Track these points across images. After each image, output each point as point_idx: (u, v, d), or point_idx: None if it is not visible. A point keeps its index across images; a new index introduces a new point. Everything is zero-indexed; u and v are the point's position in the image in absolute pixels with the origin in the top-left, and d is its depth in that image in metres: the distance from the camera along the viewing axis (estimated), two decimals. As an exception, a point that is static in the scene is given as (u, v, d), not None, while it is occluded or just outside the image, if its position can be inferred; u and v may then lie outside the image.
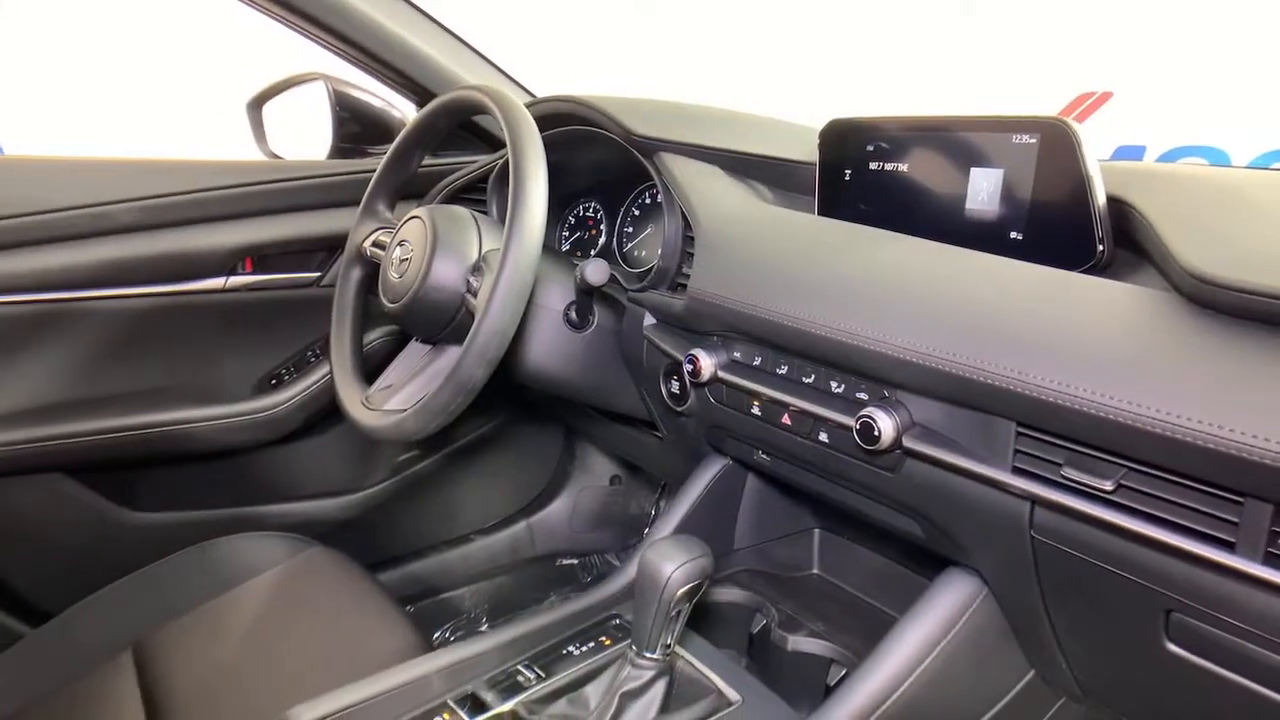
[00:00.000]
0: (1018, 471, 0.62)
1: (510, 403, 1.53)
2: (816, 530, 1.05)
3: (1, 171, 1.18)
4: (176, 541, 1.13)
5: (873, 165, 0.85)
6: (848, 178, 0.88)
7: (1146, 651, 0.61)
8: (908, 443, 0.68)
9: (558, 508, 1.63)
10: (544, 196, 0.81)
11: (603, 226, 1.23)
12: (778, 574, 1.01)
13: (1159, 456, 0.52)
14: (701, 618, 0.91)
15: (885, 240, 0.77)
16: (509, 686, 0.75)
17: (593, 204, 1.26)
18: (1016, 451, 0.61)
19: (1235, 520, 0.50)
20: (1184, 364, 0.52)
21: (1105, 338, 0.56)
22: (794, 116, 1.18)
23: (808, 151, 0.91)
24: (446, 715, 0.72)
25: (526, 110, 0.87)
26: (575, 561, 1.65)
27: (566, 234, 1.29)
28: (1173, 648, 0.59)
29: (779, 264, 0.79)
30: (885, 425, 0.68)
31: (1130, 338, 0.55)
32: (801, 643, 0.88)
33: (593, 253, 1.22)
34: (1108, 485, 0.56)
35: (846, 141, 0.87)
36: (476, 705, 0.73)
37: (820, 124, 0.89)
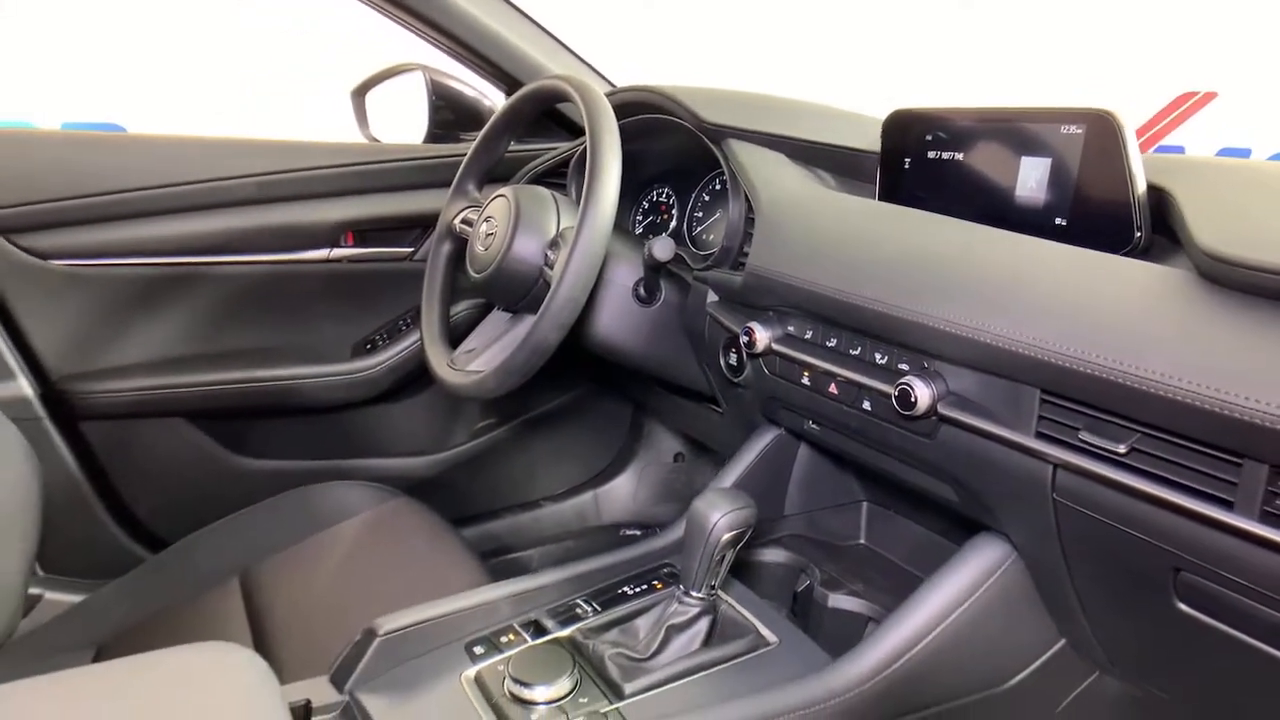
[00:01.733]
0: (1041, 436, 0.66)
1: (583, 379, 1.62)
2: (865, 503, 1.10)
3: (135, 148, 1.33)
4: (278, 486, 1.25)
5: (930, 154, 0.90)
6: (907, 166, 0.93)
7: (1159, 611, 0.65)
8: (943, 410, 0.73)
9: (623, 481, 1.71)
10: (617, 179, 0.88)
11: (674, 211, 1.31)
12: (825, 541, 1.06)
13: (1166, 420, 0.57)
14: (749, 576, 0.97)
15: (931, 223, 0.82)
16: (568, 617, 0.83)
17: (666, 190, 1.33)
18: (1040, 418, 0.66)
19: (1234, 481, 0.54)
20: (1192, 334, 0.56)
21: (1123, 311, 0.60)
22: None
23: (870, 140, 0.97)
24: (512, 635, 0.80)
25: (605, 99, 0.95)
26: (638, 533, 1.73)
27: (640, 217, 1.37)
28: (1182, 607, 0.63)
29: (831, 244, 0.85)
30: (922, 393, 0.73)
31: (1145, 311, 0.59)
32: (841, 600, 0.93)
33: (664, 234, 1.30)
34: (1121, 449, 0.60)
35: (907, 131, 0.92)
36: (538, 629, 0.81)
37: (882, 114, 0.94)
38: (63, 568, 1.31)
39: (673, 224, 1.30)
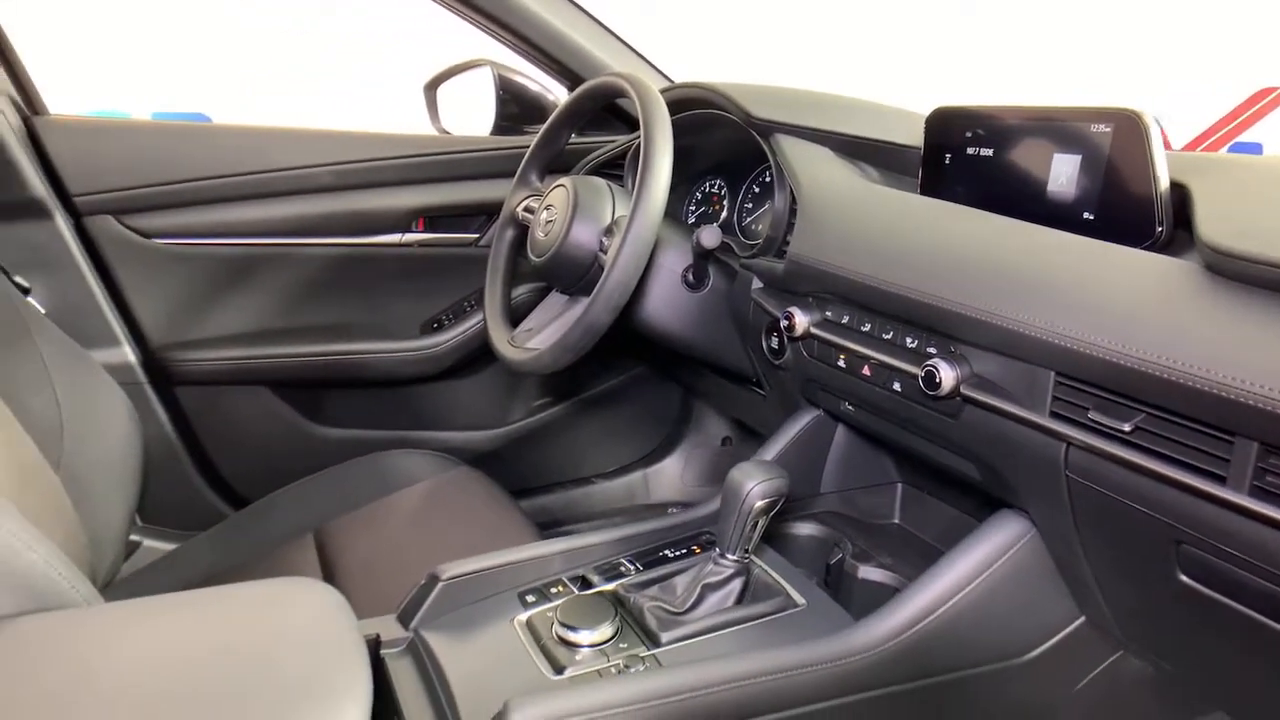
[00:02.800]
0: (1054, 416, 0.71)
1: (636, 362, 1.69)
2: (900, 484, 1.15)
3: (226, 137, 1.44)
4: (349, 453, 1.35)
5: (970, 150, 0.94)
6: (948, 161, 0.97)
7: (1164, 584, 0.69)
8: (966, 391, 0.78)
9: (672, 462, 1.78)
10: (668, 170, 0.95)
11: (725, 202, 1.36)
12: (860, 519, 1.11)
13: (1166, 400, 0.61)
14: (785, 547, 1.03)
15: (960, 215, 0.86)
16: (613, 573, 0.91)
17: (718, 181, 1.39)
18: (1054, 398, 0.71)
19: (1227, 457, 0.59)
20: (1192, 321, 0.60)
21: (1132, 300, 0.64)
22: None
23: (914, 136, 1.01)
24: (560, 587, 0.88)
25: (660, 95, 1.01)
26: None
27: (693, 208, 1.43)
28: (1184, 579, 0.67)
29: (867, 234, 0.90)
30: (946, 374, 0.78)
31: (1152, 300, 0.63)
32: (870, 572, 0.99)
33: (715, 225, 1.36)
34: (1126, 427, 0.65)
35: (949, 127, 0.96)
36: (585, 583, 0.89)
37: (925, 110, 0.98)
38: (158, 519, 1.44)
39: (724, 214, 1.36)
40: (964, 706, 0.88)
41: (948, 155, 0.97)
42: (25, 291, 1.28)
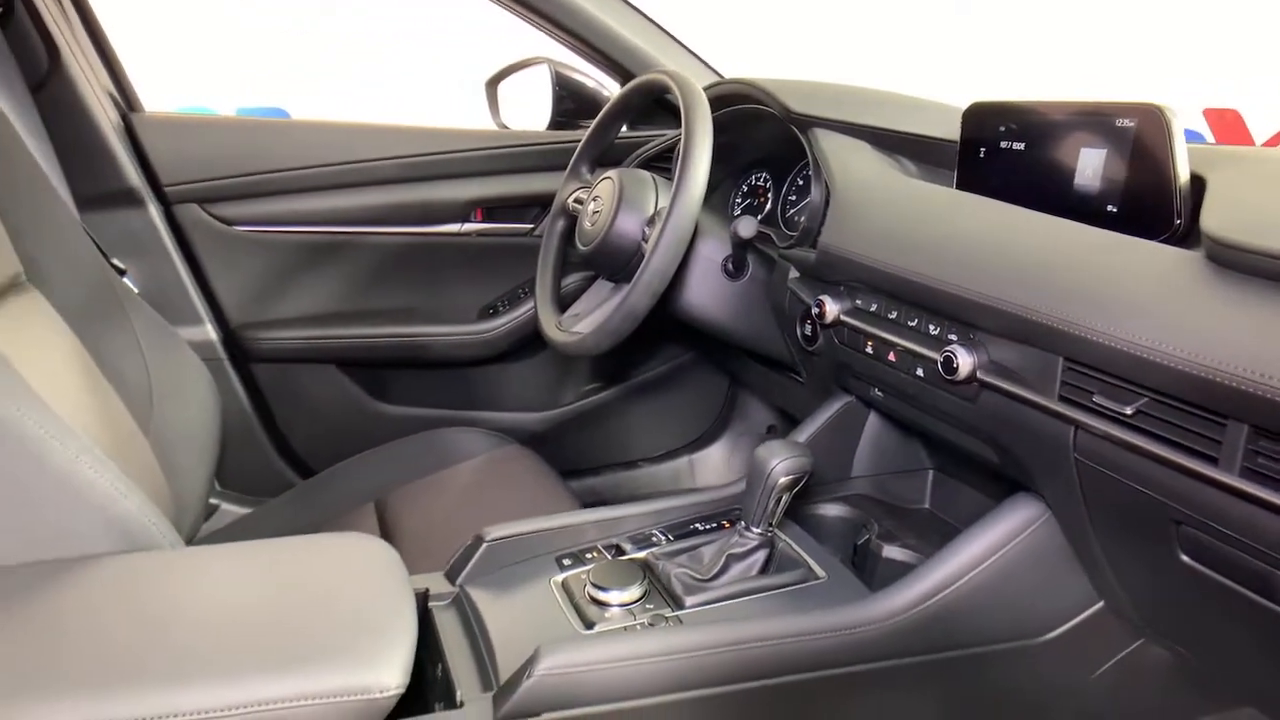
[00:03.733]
0: (1063, 400, 0.74)
1: (683, 350, 1.75)
2: (931, 470, 1.18)
3: (299, 132, 1.54)
4: (409, 429, 1.43)
5: (1003, 144, 0.97)
6: (982, 155, 1.00)
7: (1167, 564, 0.72)
8: (982, 376, 0.81)
9: (717, 449, 1.82)
10: (706, 163, 1.00)
11: (770, 195, 1.41)
12: (890, 503, 1.15)
13: (1164, 384, 0.64)
14: (815, 527, 1.07)
15: (982, 207, 0.89)
16: (644, 543, 0.96)
17: (764, 174, 1.43)
18: (1062, 383, 0.74)
19: (1219, 439, 0.61)
20: (1186, 308, 0.63)
21: (1133, 288, 0.67)
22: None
23: (951, 130, 1.04)
24: (595, 553, 0.94)
25: (702, 92, 1.06)
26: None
27: (739, 199, 1.47)
28: (1185, 558, 0.70)
29: (892, 225, 0.94)
30: (964, 360, 0.82)
31: (1152, 288, 0.66)
32: (894, 551, 1.02)
33: (759, 217, 1.40)
34: (1128, 410, 0.68)
35: (984, 122, 0.98)
36: (618, 551, 0.95)
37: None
38: (235, 485, 1.55)
39: (768, 206, 1.40)
40: (981, 683, 0.92)
41: (983, 149, 0.99)
42: (121, 273, 1.40)
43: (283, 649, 0.66)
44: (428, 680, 0.84)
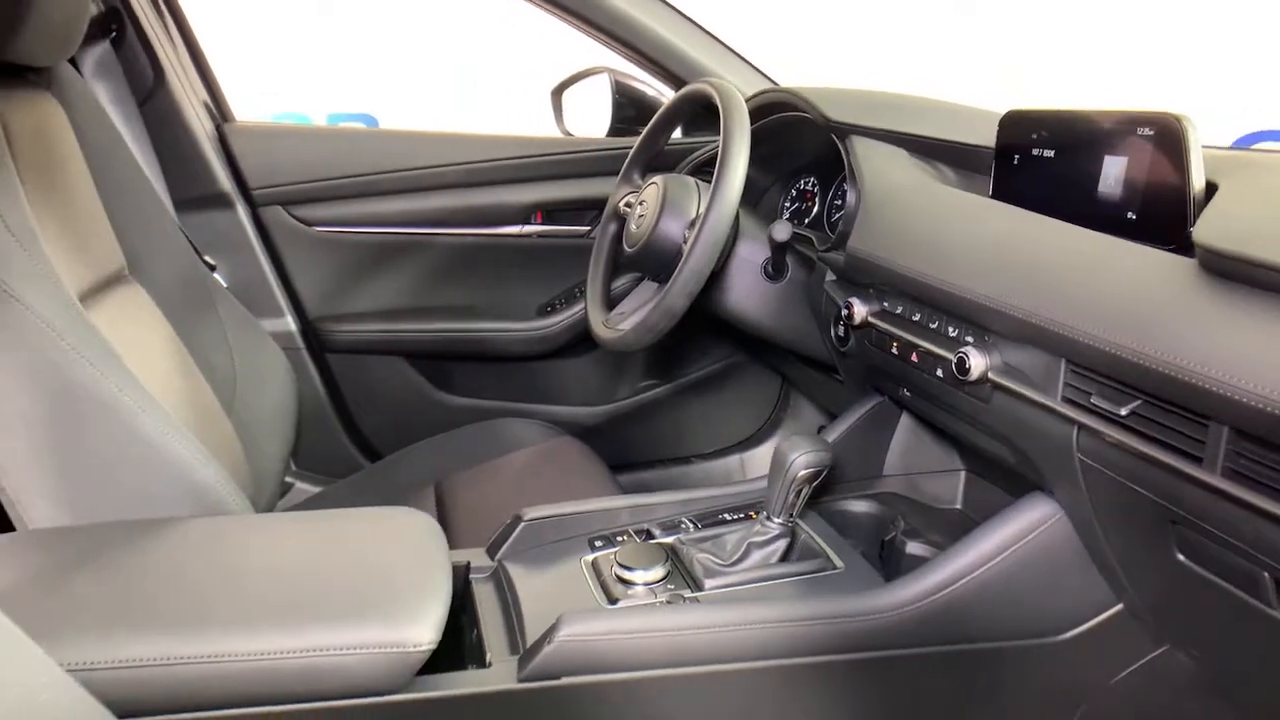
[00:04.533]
0: (1065, 401, 0.76)
1: (735, 349, 1.79)
2: (963, 472, 1.20)
3: (372, 140, 1.68)
4: (469, 419, 1.53)
5: (1034, 151, 0.99)
6: (1016, 162, 1.02)
7: (1166, 564, 0.74)
8: (994, 377, 0.84)
9: (768, 447, 1.86)
10: (743, 168, 1.05)
11: (816, 199, 1.44)
12: (921, 502, 1.17)
13: (1155, 387, 0.66)
14: (842, 523, 1.11)
15: (1000, 213, 0.92)
16: (672, 529, 1.02)
17: (811, 180, 1.47)
18: (1065, 384, 0.76)
19: (1204, 440, 0.63)
20: (1175, 315, 0.65)
21: (1130, 294, 0.70)
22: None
23: (987, 137, 1.06)
24: (625, 537, 1.01)
25: (742, 100, 1.11)
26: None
27: (788, 204, 1.51)
28: (1181, 558, 0.72)
29: (915, 231, 0.97)
30: (976, 361, 0.85)
31: (1147, 294, 0.69)
32: (917, 547, 1.05)
33: (806, 221, 1.44)
34: (1123, 411, 0.70)
35: (1018, 129, 1.00)
36: (648, 535, 1.01)
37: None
38: (308, 465, 1.68)
39: (814, 210, 1.44)
40: (996, 678, 0.94)
41: (1016, 156, 1.02)
42: (212, 268, 1.53)
43: (332, 604, 0.74)
44: (465, 643, 0.91)
